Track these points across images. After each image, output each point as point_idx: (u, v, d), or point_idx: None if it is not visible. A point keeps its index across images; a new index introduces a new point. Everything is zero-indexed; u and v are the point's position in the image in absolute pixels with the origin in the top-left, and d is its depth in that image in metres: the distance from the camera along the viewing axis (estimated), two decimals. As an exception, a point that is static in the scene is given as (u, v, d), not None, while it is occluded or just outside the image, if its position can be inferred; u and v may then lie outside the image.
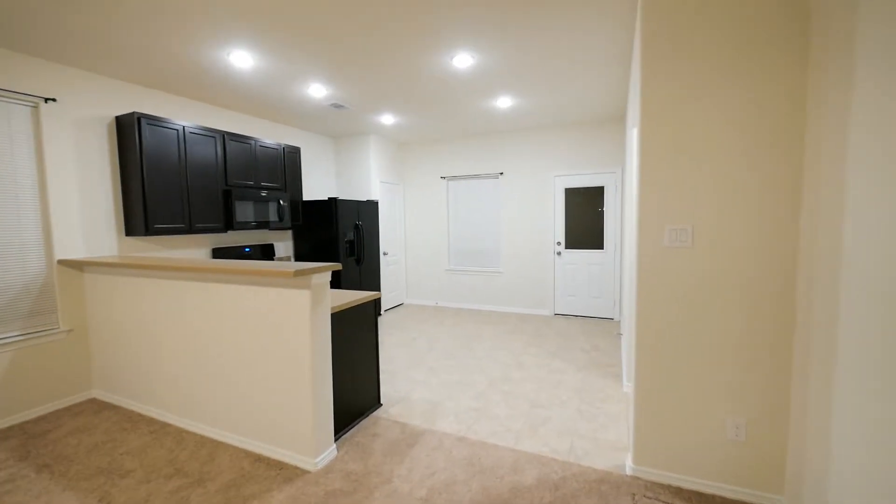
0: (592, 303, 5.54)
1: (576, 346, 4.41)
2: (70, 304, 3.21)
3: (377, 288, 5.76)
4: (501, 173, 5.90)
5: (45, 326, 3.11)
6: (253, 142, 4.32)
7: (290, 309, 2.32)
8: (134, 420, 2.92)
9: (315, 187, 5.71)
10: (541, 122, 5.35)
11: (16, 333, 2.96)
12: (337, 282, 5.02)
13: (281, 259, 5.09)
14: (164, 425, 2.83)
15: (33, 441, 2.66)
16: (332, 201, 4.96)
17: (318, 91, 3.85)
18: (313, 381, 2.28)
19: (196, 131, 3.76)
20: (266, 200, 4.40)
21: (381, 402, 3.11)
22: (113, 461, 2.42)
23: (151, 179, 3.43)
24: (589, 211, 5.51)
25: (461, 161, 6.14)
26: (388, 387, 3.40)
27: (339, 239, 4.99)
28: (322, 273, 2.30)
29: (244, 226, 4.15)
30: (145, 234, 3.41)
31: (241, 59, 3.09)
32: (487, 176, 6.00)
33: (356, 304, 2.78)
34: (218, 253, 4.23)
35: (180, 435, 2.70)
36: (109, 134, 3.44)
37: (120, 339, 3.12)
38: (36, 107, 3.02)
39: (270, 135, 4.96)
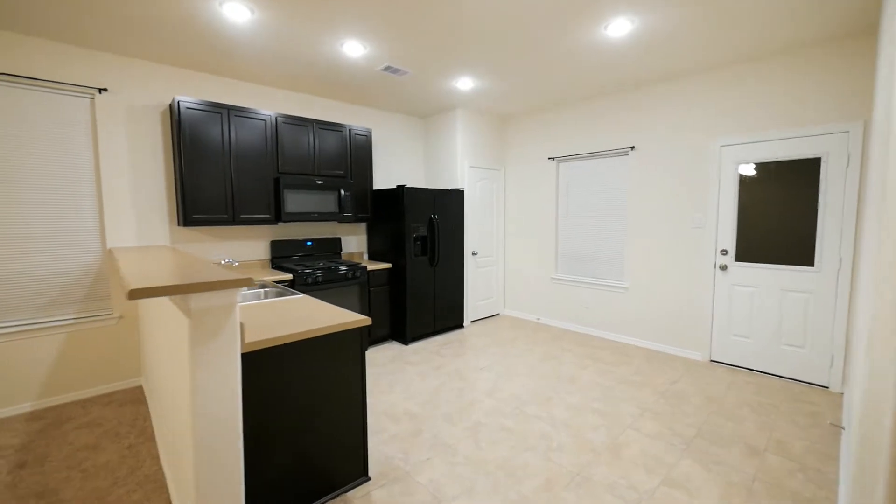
0: (786, 354, 3.36)
1: (738, 433, 2.57)
2: (122, 292, 3.25)
3: (459, 296, 4.78)
4: (632, 148, 4.14)
5: (99, 311, 3.20)
6: (310, 125, 3.86)
7: (176, 344, 1.57)
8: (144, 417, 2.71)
9: (399, 175, 5.06)
10: (698, 62, 3.43)
11: (71, 317, 3.08)
12: (400, 287, 4.25)
13: (351, 256, 4.61)
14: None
15: (52, 430, 2.66)
16: (399, 190, 4.19)
17: (353, 49, 3.06)
18: (195, 462, 1.48)
19: (243, 114, 3.45)
20: (324, 190, 3.90)
21: (368, 474, 2.15)
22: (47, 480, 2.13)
23: (190, 167, 3.23)
24: (785, 200, 3.33)
25: (575, 134, 4.59)
26: (394, 447, 2.42)
27: (406, 235, 4.19)
28: (218, 292, 1.47)
29: (296, 217, 3.72)
30: (183, 225, 3.23)
31: (236, 11, 2.50)
32: (611, 153, 4.31)
33: (327, 332, 1.88)
34: (276, 246, 3.94)
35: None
36: (163, 122, 3.38)
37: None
38: (92, 98, 3.07)
39: (343, 117, 4.48)
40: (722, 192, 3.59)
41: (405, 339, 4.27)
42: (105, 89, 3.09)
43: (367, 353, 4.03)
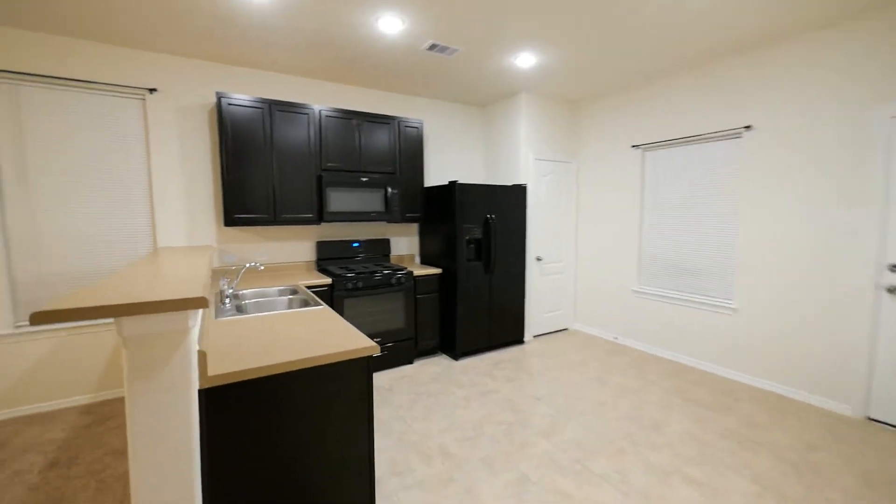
0: None
1: (926, 547, 1.68)
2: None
3: (519, 307, 4.19)
4: (747, 128, 3.19)
5: (150, 311, 3.24)
6: (356, 118, 3.58)
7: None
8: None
9: (455, 172, 4.62)
10: (843, 6, 2.45)
11: (125, 315, 3.15)
12: (451, 295, 3.80)
13: (401, 259, 4.28)
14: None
15: (94, 427, 2.69)
16: (450, 187, 3.74)
17: (390, 25, 2.68)
18: (130, 521, 1.18)
19: (285, 109, 3.28)
20: (370, 187, 3.61)
21: (376, 539, 1.73)
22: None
23: (232, 165, 3.12)
24: None
25: (666, 116, 3.73)
26: (416, 496, 1.97)
27: (458, 237, 3.73)
28: (161, 316, 1.16)
29: (338, 217, 3.48)
30: (225, 225, 3.14)
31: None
32: (717, 136, 3.39)
33: (323, 362, 1.50)
34: (322, 247, 3.74)
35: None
36: (210, 120, 3.34)
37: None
38: (143, 99, 3.10)
39: (392, 108, 4.16)
40: (892, 177, 2.55)
41: (455, 354, 3.82)
42: (155, 89, 3.10)
43: (412, 366, 3.66)
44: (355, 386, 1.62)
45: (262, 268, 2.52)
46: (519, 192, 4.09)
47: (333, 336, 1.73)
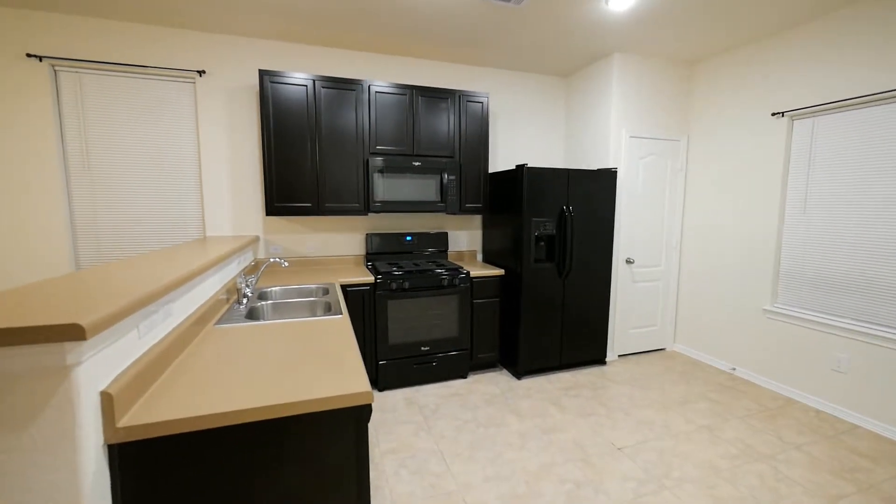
0: None
1: None
2: (218, 283, 3.17)
3: (601, 319, 3.40)
4: None
5: (201, 301, 3.19)
6: (409, 92, 3.12)
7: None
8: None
9: (529, 155, 3.93)
10: None
11: (177, 304, 3.12)
12: (514, 301, 3.18)
13: (460, 256, 3.76)
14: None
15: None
16: (518, 172, 3.09)
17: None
18: None
19: (331, 85, 2.94)
20: (423, 173, 3.14)
21: None
22: None
23: (275, 149, 2.88)
24: None
25: (828, 69, 2.60)
26: None
27: (525, 233, 3.08)
28: (15, 349, 0.80)
29: (386, 207, 3.07)
30: (267, 215, 2.92)
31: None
32: (931, 89, 2.23)
33: (287, 413, 1.06)
34: (372, 240, 3.38)
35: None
36: (257, 101, 3.13)
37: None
38: (193, 82, 2.99)
39: (454, 81, 3.60)
40: None
41: (517, 371, 3.20)
42: (203, 72, 2.96)
43: (465, 381, 3.14)
44: (337, 449, 1.14)
45: (287, 265, 2.21)
46: (607, 177, 3.28)
47: (326, 367, 1.28)
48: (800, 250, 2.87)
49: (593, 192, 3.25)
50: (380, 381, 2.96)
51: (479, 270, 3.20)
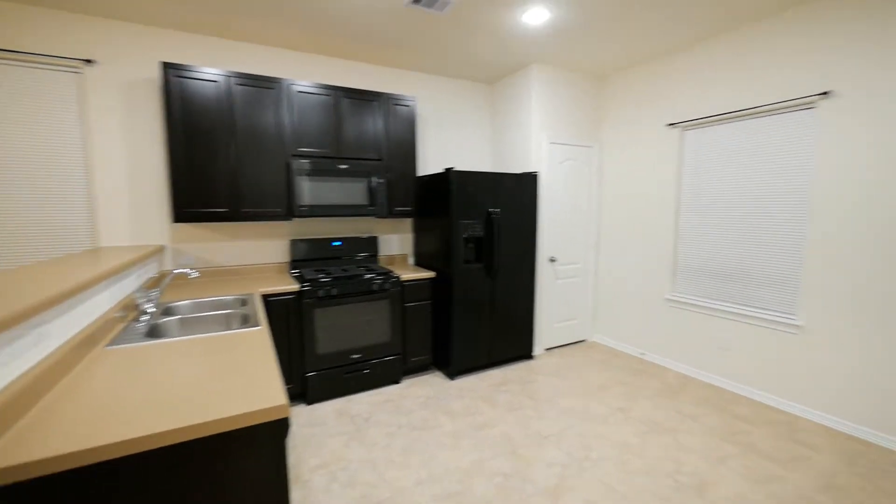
0: None
1: None
2: (116, 299, 2.81)
3: (527, 316, 3.58)
4: (825, 94, 2.46)
5: (94, 320, 2.81)
6: (334, 94, 3.03)
7: None
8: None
9: (458, 159, 4.02)
10: None
11: (63, 325, 2.72)
12: (446, 302, 3.23)
13: (391, 260, 3.73)
14: None
15: None
16: (445, 175, 3.15)
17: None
18: None
19: (247, 82, 2.76)
20: (350, 176, 3.07)
21: None
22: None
23: (180, 150, 2.63)
24: None
25: (712, 86, 3.01)
26: None
27: (454, 235, 3.14)
28: None
29: (312, 212, 2.95)
30: (175, 221, 2.65)
31: None
32: (780, 108, 2.67)
33: (189, 437, 0.96)
34: (297, 247, 3.23)
35: None
36: (161, 97, 2.85)
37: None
38: (78, 72, 2.64)
39: (382, 84, 3.58)
40: None
41: (450, 372, 3.25)
42: (92, 61, 2.63)
43: (398, 386, 3.12)
44: (253, 471, 1.07)
45: (196, 274, 2.03)
46: (529, 181, 3.46)
47: (239, 383, 1.19)
48: (692, 244, 3.26)
49: (518, 194, 3.41)
50: (308, 393, 2.83)
51: (410, 274, 3.19)
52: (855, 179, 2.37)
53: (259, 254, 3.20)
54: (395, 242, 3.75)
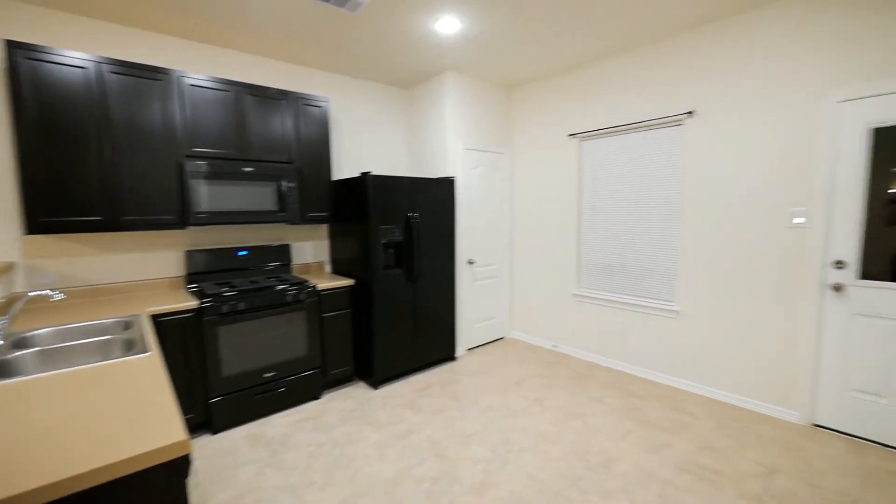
0: (949, 426, 2.12)
1: None
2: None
3: (449, 318, 3.64)
4: (690, 113, 2.92)
5: None
6: (235, 90, 2.78)
7: None
8: None
9: (376, 163, 3.94)
10: (806, -28, 2.20)
11: None
12: (366, 310, 3.15)
13: (307, 269, 3.52)
14: None
15: None
16: (362, 179, 3.07)
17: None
18: None
19: (124, 71, 2.39)
20: (256, 180, 2.83)
21: None
22: None
23: (36, 148, 2.19)
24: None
25: (605, 101, 3.39)
26: None
27: (373, 241, 3.07)
28: None
29: (212, 219, 2.65)
30: (30, 233, 2.19)
31: None
32: (658, 123, 3.10)
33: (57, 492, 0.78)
34: (193, 258, 2.88)
35: None
36: (9, 84, 2.35)
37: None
38: None
39: (292, 82, 3.38)
40: (840, 172, 2.35)
41: (374, 381, 3.17)
42: None
43: (318, 402, 2.95)
44: (138, 521, 0.92)
45: (61, 296, 1.69)
46: (446, 185, 3.53)
47: (125, 421, 1.01)
48: (592, 244, 3.61)
49: (436, 199, 3.46)
50: (214, 421, 2.54)
51: (327, 282, 3.05)
52: (711, 183, 2.84)
53: (146, 268, 2.80)
54: (310, 250, 3.55)
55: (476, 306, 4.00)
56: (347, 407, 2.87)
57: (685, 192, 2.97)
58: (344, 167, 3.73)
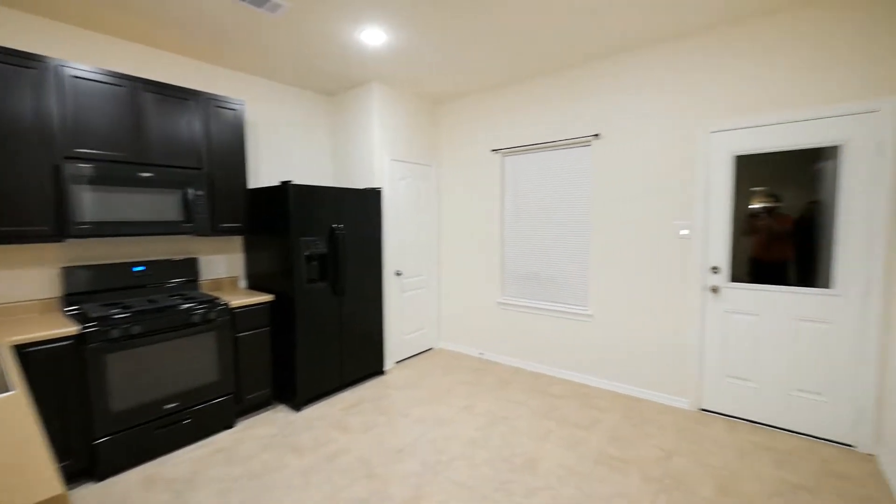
0: (799, 402, 2.58)
1: (788, 562, 1.65)
2: None
3: (377, 331, 3.57)
4: (596, 136, 3.24)
5: None
6: (131, 85, 2.48)
7: None
8: None
9: (300, 173, 3.76)
10: (676, 24, 2.60)
11: None
12: (288, 327, 2.97)
13: (218, 285, 3.22)
14: None
15: None
16: (283, 189, 2.91)
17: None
18: None
19: (-21, 54, 2.00)
20: (157, 187, 2.53)
21: None
22: None
23: None
24: (794, 202, 2.59)
25: (524, 120, 3.63)
26: None
27: (295, 254, 2.91)
28: None
29: (100, 230, 2.31)
30: None
31: None
32: (570, 143, 3.40)
33: None
34: (76, 276, 2.47)
35: None
36: None
37: None
38: None
39: (204, 82, 3.11)
40: (714, 192, 2.78)
41: (296, 403, 2.97)
42: None
43: (231, 431, 2.69)
44: None
45: None
46: (373, 197, 3.49)
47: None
48: (515, 253, 3.81)
49: (362, 210, 3.40)
50: (100, 466, 2.18)
51: (242, 299, 2.81)
52: (614, 199, 3.17)
53: (11, 289, 2.34)
54: (222, 264, 3.26)
55: (405, 318, 3.98)
56: (267, 433, 2.66)
57: (593, 206, 3.28)
58: (262, 175, 3.50)
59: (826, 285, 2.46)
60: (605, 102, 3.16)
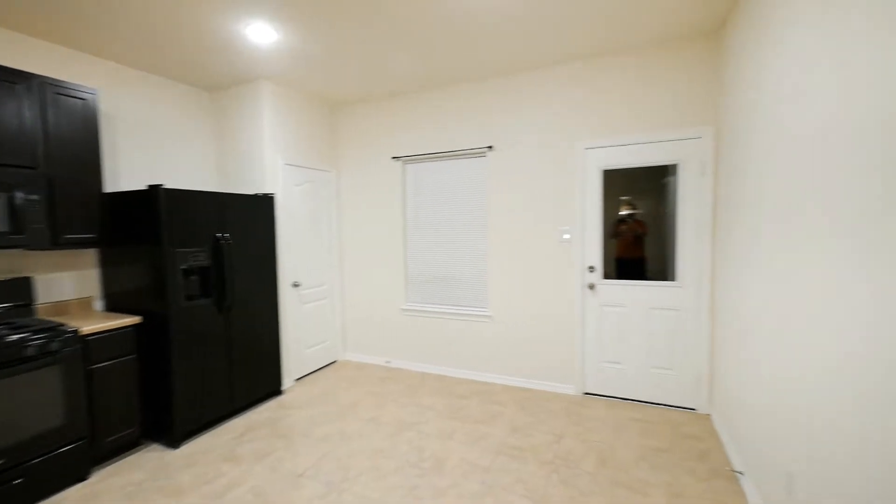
0: (656, 378, 3.06)
1: (641, 492, 1.94)
2: None
3: (273, 348, 3.30)
4: (490, 147, 3.47)
5: None
6: (-79, 57, 1.92)
7: None
8: None
9: (174, 175, 3.30)
10: (559, 52, 2.93)
11: None
12: (161, 353, 2.58)
13: (63, 308, 2.66)
14: None
15: None
16: (152, 193, 2.54)
17: None
18: None
19: None
20: (-33, 189, 1.99)
21: None
22: None
23: None
24: (649, 210, 3.09)
25: (426, 128, 3.72)
26: None
27: (168, 267, 2.55)
28: None
29: None
30: None
31: None
32: (468, 153, 3.58)
33: None
34: None
35: None
36: None
37: None
38: None
39: (48, 65, 2.56)
40: (588, 201, 3.16)
41: (173, 440, 2.59)
42: None
43: (84, 485, 2.22)
44: None
45: None
46: (265, 203, 3.23)
47: None
48: (417, 259, 3.86)
49: (252, 217, 3.12)
50: None
51: (98, 323, 2.37)
52: (507, 207, 3.42)
53: None
54: (69, 283, 2.70)
55: (305, 331, 3.75)
56: (133, 480, 2.26)
57: (490, 213, 3.49)
58: (127, 178, 3.01)
59: (673, 279, 2.97)
60: (499, 116, 3.40)
